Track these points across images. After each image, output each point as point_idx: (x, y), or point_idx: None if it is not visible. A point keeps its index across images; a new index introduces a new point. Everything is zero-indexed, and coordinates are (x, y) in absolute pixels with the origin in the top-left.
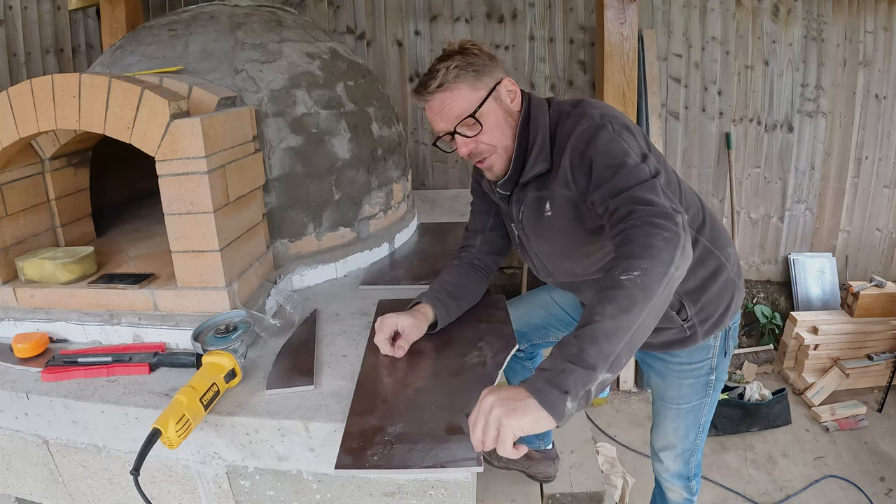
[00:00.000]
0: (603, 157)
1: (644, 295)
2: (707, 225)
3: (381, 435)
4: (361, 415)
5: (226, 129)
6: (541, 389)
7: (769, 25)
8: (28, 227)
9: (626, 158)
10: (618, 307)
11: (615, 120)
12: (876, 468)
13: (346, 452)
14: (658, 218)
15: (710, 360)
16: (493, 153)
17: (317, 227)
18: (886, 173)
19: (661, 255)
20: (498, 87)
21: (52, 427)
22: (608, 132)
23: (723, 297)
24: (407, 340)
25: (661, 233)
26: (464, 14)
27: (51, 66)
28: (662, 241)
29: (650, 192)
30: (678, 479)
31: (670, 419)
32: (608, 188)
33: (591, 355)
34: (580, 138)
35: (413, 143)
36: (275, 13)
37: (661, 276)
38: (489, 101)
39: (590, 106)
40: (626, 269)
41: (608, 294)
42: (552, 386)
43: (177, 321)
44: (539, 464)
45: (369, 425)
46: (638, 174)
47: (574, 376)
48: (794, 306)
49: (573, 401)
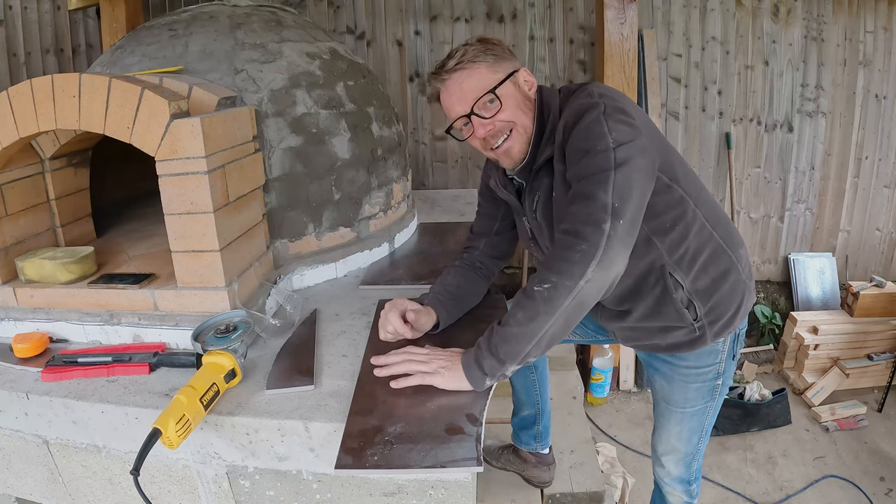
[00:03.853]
0: (579, 138)
1: (548, 307)
2: (722, 222)
3: (381, 435)
4: (361, 415)
5: (226, 129)
6: (469, 366)
7: (769, 25)
8: (28, 227)
9: (596, 143)
10: (525, 315)
11: (611, 101)
12: (876, 468)
13: (346, 452)
14: (585, 225)
15: (718, 364)
16: (512, 131)
17: (317, 227)
18: (886, 173)
19: (571, 270)
20: (516, 74)
21: (52, 427)
22: (596, 112)
23: (733, 297)
24: (419, 326)
25: (580, 244)
26: (464, 14)
27: (51, 66)
28: (578, 255)
29: (596, 186)
30: (679, 483)
31: (674, 423)
32: (573, 172)
33: (503, 351)
34: (572, 114)
35: (413, 143)
36: (275, 13)
37: (567, 289)
38: (508, 83)
39: (594, 85)
40: (540, 280)
41: (521, 301)
42: (476, 366)
43: (177, 321)
44: (534, 468)
45: (369, 425)
46: (598, 162)
47: (489, 362)
48: (794, 306)
49: (491, 379)
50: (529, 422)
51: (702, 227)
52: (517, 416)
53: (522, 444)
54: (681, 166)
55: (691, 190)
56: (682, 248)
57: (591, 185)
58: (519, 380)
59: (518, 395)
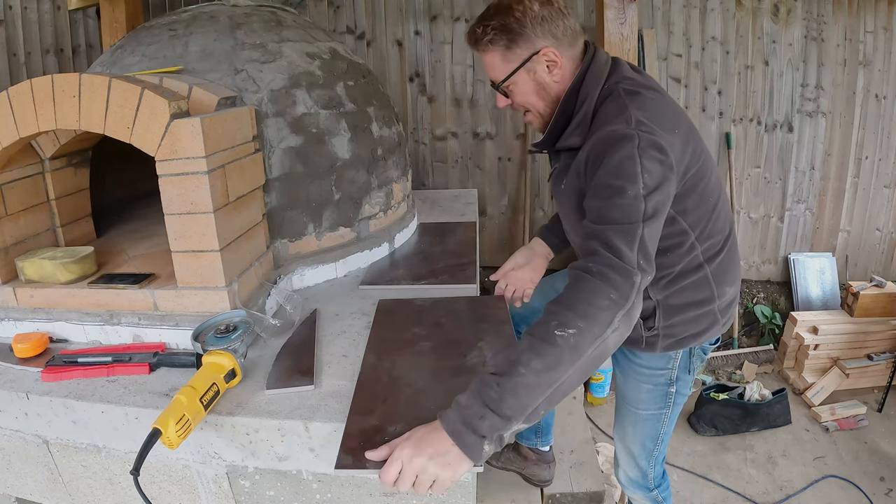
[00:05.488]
0: (608, 174)
1: (572, 356)
2: (720, 258)
3: (381, 435)
4: (362, 415)
5: (226, 129)
6: (460, 434)
7: (769, 25)
8: (28, 227)
9: (626, 185)
10: (544, 363)
11: (648, 134)
12: (876, 468)
13: (347, 452)
14: (614, 272)
15: (670, 370)
16: (529, 112)
17: (317, 226)
18: (886, 173)
19: (600, 317)
20: (534, 59)
21: (52, 427)
22: (630, 147)
23: (697, 325)
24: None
25: (610, 293)
26: (464, 14)
27: (51, 66)
28: (607, 302)
29: (623, 240)
30: (639, 489)
31: (629, 423)
32: (595, 210)
33: (510, 406)
34: (605, 139)
35: (413, 143)
36: (275, 13)
37: (594, 338)
38: (520, 73)
39: (638, 104)
40: (563, 325)
41: (538, 347)
42: (469, 430)
43: (177, 321)
44: (534, 465)
45: (369, 425)
46: (627, 211)
47: (489, 422)
48: (794, 306)
49: (489, 444)
50: None
51: (694, 258)
52: None
53: (523, 440)
54: (699, 195)
55: (698, 224)
56: (667, 270)
57: (617, 235)
58: None
59: None
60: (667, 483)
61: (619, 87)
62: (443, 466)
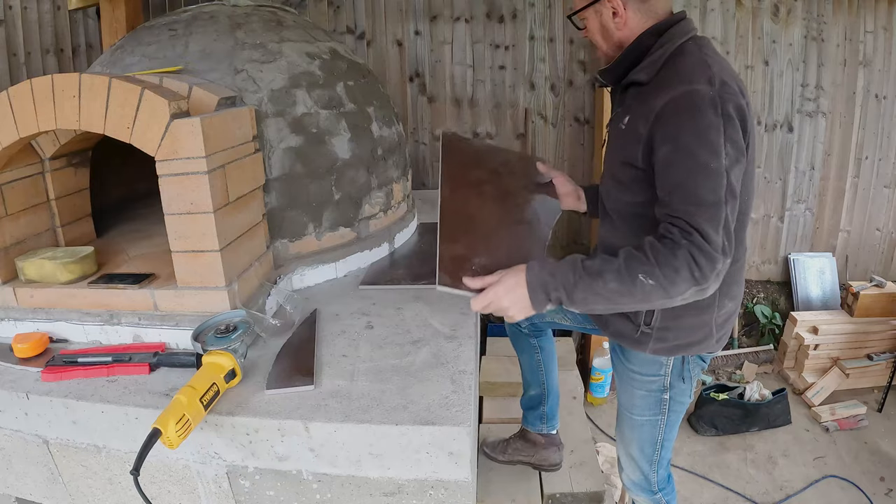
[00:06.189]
0: (692, 141)
1: (642, 297)
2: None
3: (468, 263)
4: (450, 242)
5: (226, 129)
6: (536, 292)
7: (769, 25)
8: (28, 227)
9: (710, 160)
10: (619, 289)
11: (731, 96)
12: (876, 468)
13: (445, 273)
14: (702, 256)
15: (663, 378)
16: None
17: (317, 226)
18: (886, 173)
19: (679, 285)
20: (597, 5)
21: (52, 427)
22: (711, 115)
23: (691, 334)
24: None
25: (695, 271)
26: (464, 14)
27: (51, 66)
28: (689, 277)
29: (710, 223)
30: (642, 492)
31: (627, 427)
32: (676, 184)
33: (578, 296)
34: (688, 97)
35: (413, 143)
36: (275, 13)
37: (666, 296)
38: (589, 10)
39: (719, 66)
40: (648, 274)
41: (622, 273)
42: (543, 293)
43: (177, 321)
44: (544, 450)
45: (457, 253)
46: (712, 187)
47: (557, 294)
48: (794, 306)
49: (551, 304)
50: (536, 402)
51: None
52: (525, 395)
53: (530, 425)
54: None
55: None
56: None
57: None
58: (525, 359)
59: (525, 375)
60: (672, 486)
61: (703, 49)
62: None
